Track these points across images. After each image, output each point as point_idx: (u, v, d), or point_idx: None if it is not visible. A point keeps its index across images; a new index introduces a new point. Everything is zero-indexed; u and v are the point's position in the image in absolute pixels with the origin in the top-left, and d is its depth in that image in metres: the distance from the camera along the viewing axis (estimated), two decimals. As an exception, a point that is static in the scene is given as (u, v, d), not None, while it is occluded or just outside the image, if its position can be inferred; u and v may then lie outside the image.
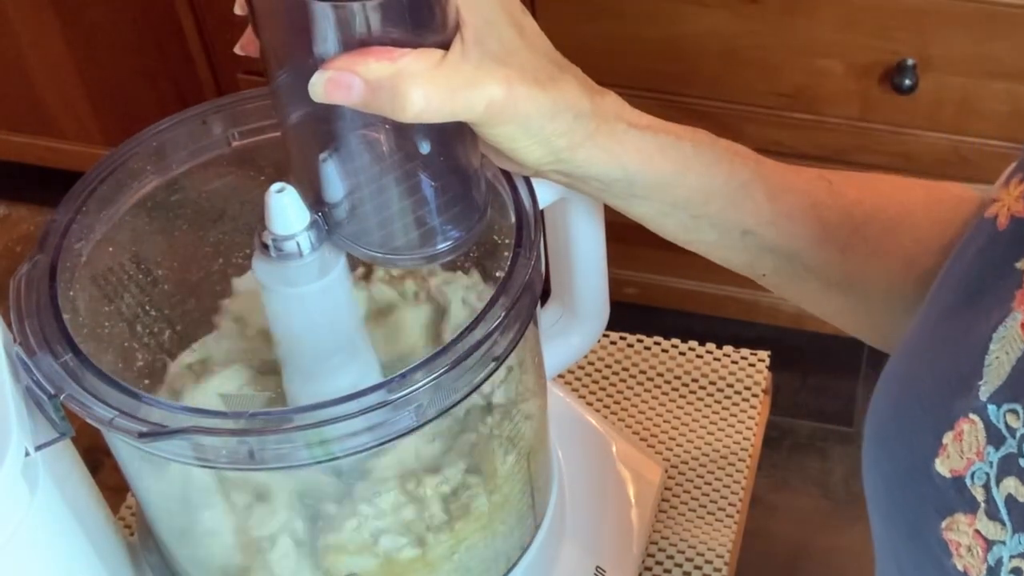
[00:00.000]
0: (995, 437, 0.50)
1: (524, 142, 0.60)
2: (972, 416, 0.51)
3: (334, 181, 0.61)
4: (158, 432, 0.58)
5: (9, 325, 0.61)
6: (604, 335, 0.97)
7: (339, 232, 0.62)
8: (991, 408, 0.50)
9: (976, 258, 0.55)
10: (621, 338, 0.98)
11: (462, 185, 0.63)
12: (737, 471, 0.91)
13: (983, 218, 0.55)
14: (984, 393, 0.51)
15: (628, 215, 0.67)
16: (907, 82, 1.44)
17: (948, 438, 0.52)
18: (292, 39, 0.58)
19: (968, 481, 0.51)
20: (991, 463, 0.50)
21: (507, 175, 0.66)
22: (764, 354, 0.97)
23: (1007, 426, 0.50)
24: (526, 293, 0.62)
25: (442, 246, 0.63)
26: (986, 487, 0.50)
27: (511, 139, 0.60)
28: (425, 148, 0.60)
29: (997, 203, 0.55)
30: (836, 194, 0.68)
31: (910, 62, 1.44)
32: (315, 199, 0.61)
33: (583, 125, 0.61)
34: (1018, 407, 0.50)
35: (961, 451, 0.51)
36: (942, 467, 0.52)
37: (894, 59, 1.45)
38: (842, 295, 0.70)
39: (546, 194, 0.68)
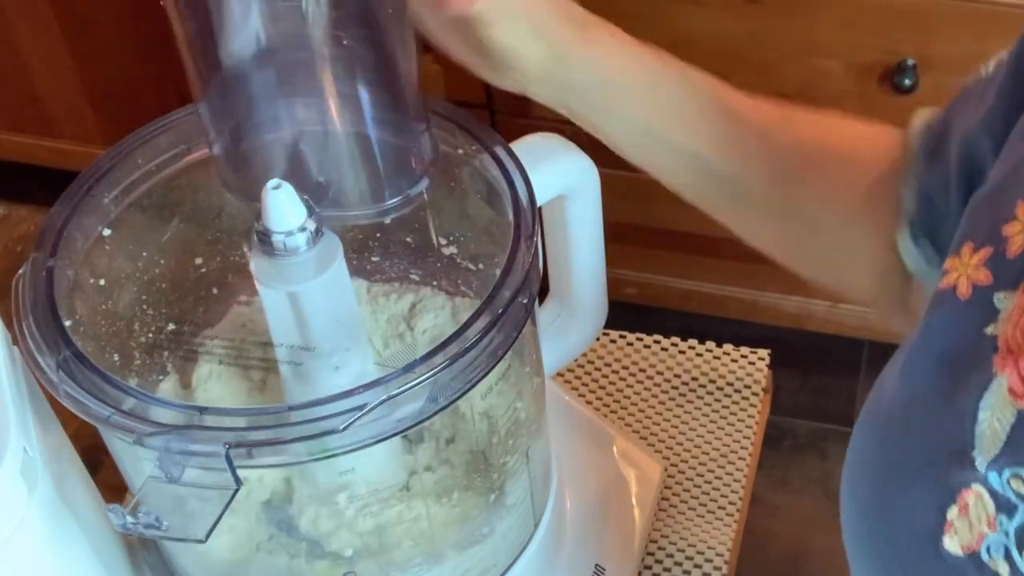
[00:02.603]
0: (1005, 506, 0.48)
1: (528, 41, 0.63)
2: (975, 487, 0.49)
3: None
4: (155, 431, 0.57)
5: (8, 324, 0.61)
6: (604, 334, 0.97)
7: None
8: (992, 476, 0.49)
9: (943, 330, 0.54)
10: (621, 336, 0.98)
11: (405, 139, 0.64)
12: (737, 470, 0.90)
13: (940, 289, 0.55)
14: (981, 463, 0.49)
15: (596, 133, 0.69)
16: (907, 82, 1.44)
17: (952, 513, 0.50)
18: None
19: (984, 556, 0.49)
20: (1006, 532, 0.48)
21: (505, 173, 0.66)
22: (764, 353, 0.97)
23: (1015, 493, 0.48)
24: (524, 289, 0.62)
25: (391, 201, 0.65)
26: (1008, 558, 0.48)
27: (518, 38, 0.63)
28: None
29: (952, 273, 0.54)
30: (789, 127, 0.70)
31: (910, 62, 1.44)
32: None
33: (578, 29, 0.65)
34: (1022, 472, 0.48)
35: (969, 525, 0.49)
36: (952, 545, 0.50)
37: (894, 59, 1.44)
38: (782, 223, 0.72)
39: (544, 191, 0.68)
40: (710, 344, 0.98)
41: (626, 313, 0.98)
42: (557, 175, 0.70)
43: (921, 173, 0.64)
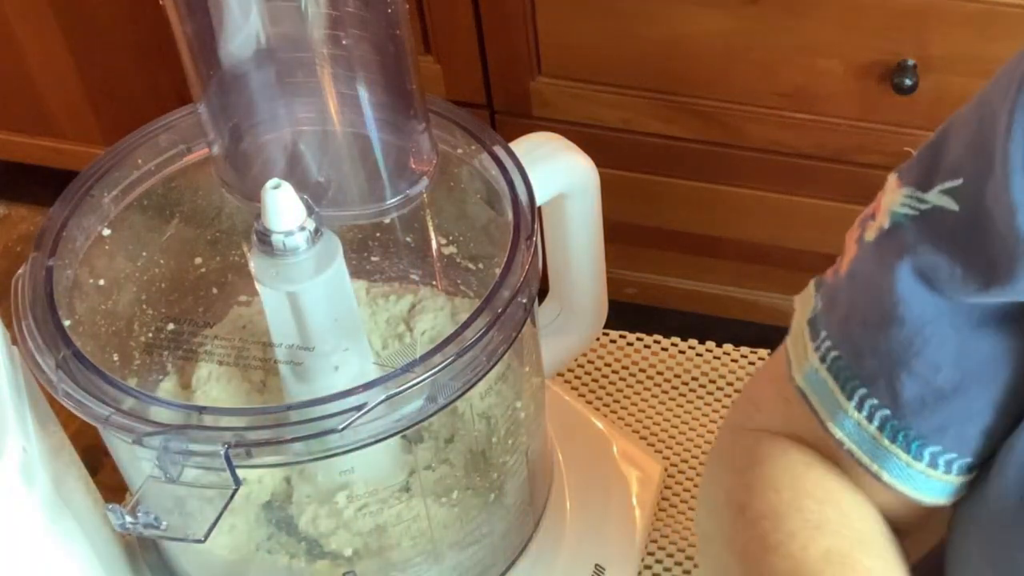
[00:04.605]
0: None
1: None
2: None
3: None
4: (154, 431, 0.57)
5: (8, 324, 0.61)
6: (604, 334, 0.97)
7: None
8: None
9: None
10: (621, 336, 0.98)
11: (404, 139, 0.64)
12: (737, 470, 0.90)
13: None
14: None
15: None
16: (907, 82, 1.43)
17: None
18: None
19: None
20: None
21: (505, 173, 0.66)
22: (764, 352, 0.97)
23: None
24: (523, 289, 0.62)
25: (391, 201, 0.64)
26: None
27: None
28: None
29: None
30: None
31: (910, 62, 1.43)
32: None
33: None
34: None
35: None
36: None
37: (894, 59, 1.44)
38: None
39: (544, 191, 0.68)
40: (710, 344, 0.98)
41: (626, 313, 0.98)
42: (557, 175, 0.70)
43: None
